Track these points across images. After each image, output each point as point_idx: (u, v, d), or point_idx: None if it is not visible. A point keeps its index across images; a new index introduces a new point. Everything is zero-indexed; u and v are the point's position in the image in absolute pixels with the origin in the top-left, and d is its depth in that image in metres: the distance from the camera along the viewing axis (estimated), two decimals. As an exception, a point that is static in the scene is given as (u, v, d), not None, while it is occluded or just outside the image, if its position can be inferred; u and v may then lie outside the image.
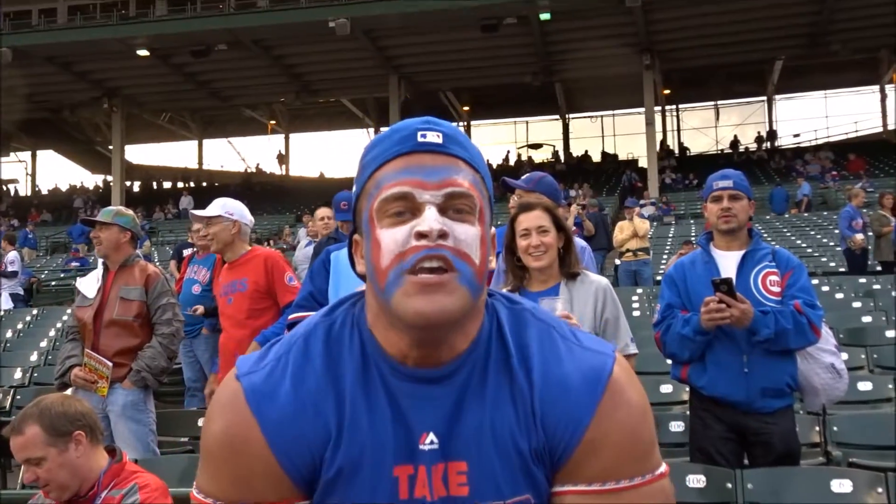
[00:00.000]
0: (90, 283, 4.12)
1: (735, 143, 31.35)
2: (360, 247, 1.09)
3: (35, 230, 23.18)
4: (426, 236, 0.98)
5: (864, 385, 4.80)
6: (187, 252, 6.89)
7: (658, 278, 10.93)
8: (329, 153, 49.23)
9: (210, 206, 4.32)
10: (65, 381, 3.98)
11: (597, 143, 34.30)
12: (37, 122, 29.64)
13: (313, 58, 24.39)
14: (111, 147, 28.23)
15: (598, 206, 13.67)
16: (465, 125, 33.71)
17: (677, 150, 31.85)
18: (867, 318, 6.84)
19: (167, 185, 35.37)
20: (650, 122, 23.71)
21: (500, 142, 35.57)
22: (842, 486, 3.11)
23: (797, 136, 32.85)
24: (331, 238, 5.34)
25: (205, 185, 33.63)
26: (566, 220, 3.26)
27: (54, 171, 52.95)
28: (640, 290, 9.53)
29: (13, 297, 12.60)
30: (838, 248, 12.28)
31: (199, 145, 37.35)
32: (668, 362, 3.56)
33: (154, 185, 35.09)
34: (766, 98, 33.31)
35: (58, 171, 51.18)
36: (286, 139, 36.94)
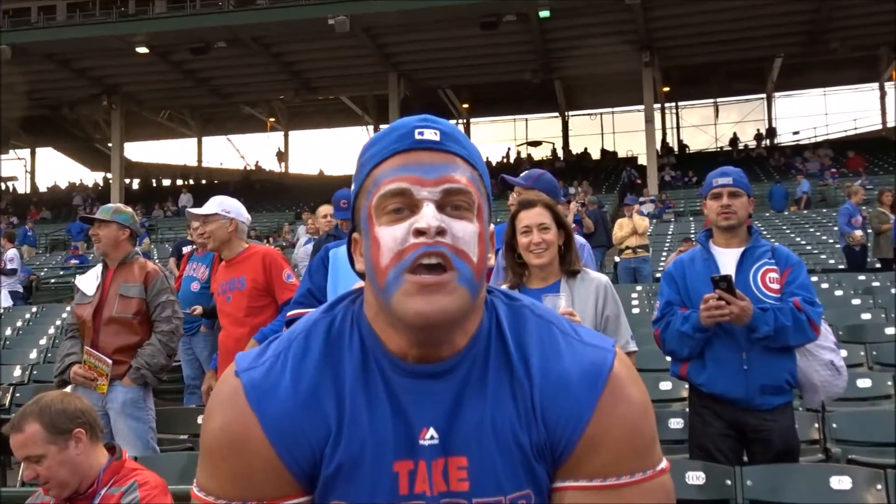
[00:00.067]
0: (89, 281, 4.12)
1: (734, 140, 31.35)
2: (359, 245, 1.09)
3: (34, 228, 23.18)
4: (424, 233, 0.98)
5: (864, 382, 4.81)
6: (186, 249, 6.88)
7: (657, 275, 10.93)
8: (328, 151, 49.24)
9: (206, 204, 4.31)
10: (64, 378, 3.98)
11: (596, 141, 34.30)
12: (36, 120, 29.63)
13: (313, 55, 24.39)
14: (110, 144, 28.25)
15: (597, 203, 13.66)
16: (464, 123, 33.71)
17: (677, 148, 31.86)
18: (866, 316, 6.84)
19: (166, 182, 35.38)
20: (649, 120, 23.72)
21: (499, 139, 35.62)
22: (841, 482, 3.11)
23: (796, 133, 32.87)
24: (330, 235, 5.35)
25: (204, 182, 33.66)
26: (566, 218, 3.26)
27: (53, 168, 52.95)
28: (639, 288, 9.53)
29: (13, 294, 12.59)
30: (837, 246, 12.29)
31: (199, 143, 37.33)
32: (668, 359, 3.57)
33: (153, 182, 35.08)
34: (765, 95, 33.31)
35: (57, 168, 51.16)
36: (285, 137, 36.93)
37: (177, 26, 21.79)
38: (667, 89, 29.45)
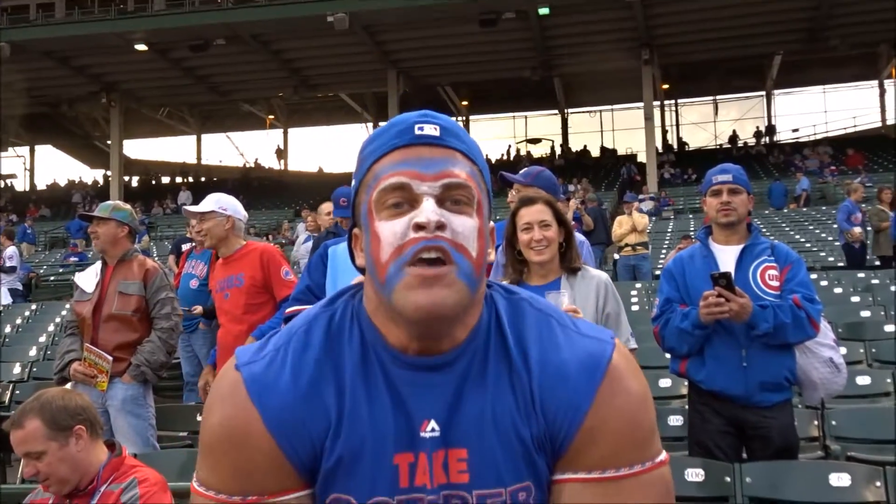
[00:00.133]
0: (88, 278, 4.12)
1: (734, 137, 31.36)
2: (359, 240, 1.09)
3: (33, 225, 23.17)
4: (424, 228, 0.99)
5: (863, 379, 4.81)
6: (186, 247, 6.88)
7: (657, 273, 10.93)
8: (328, 148, 49.34)
9: (203, 202, 4.30)
10: (64, 375, 3.97)
11: (595, 138, 34.30)
12: (35, 117, 29.58)
13: (312, 52, 24.38)
14: (109, 142, 28.22)
15: (597, 200, 13.67)
16: (463, 120, 33.67)
17: (676, 145, 31.86)
18: (866, 313, 6.84)
19: (166, 179, 35.38)
20: (649, 117, 23.71)
21: (498, 136, 35.63)
22: (840, 479, 3.11)
23: (796, 130, 32.88)
24: (330, 233, 5.34)
25: (203, 179, 33.64)
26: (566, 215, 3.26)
27: (53, 166, 52.98)
28: (638, 285, 9.53)
29: (12, 292, 12.59)
30: (837, 243, 12.29)
31: (198, 140, 37.30)
32: (667, 356, 3.56)
33: (153, 180, 35.06)
34: (764, 93, 33.30)
35: (56, 166, 51.22)
36: (285, 134, 36.90)
37: (176, 23, 21.77)
38: (666, 87, 29.46)
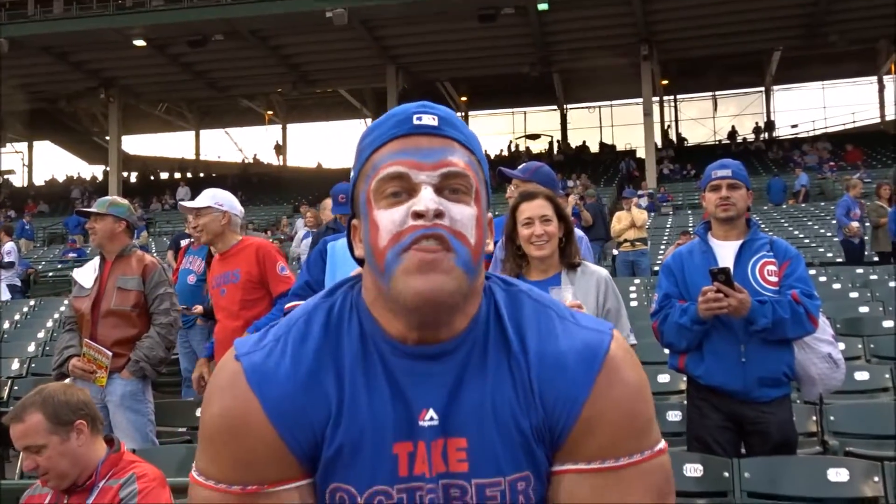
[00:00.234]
0: (87, 274, 4.11)
1: (733, 133, 31.37)
2: (358, 231, 1.10)
3: (32, 221, 23.17)
4: (423, 216, 0.99)
5: (861, 375, 4.82)
6: (184, 243, 6.88)
7: (656, 268, 10.94)
8: (326, 144, 49.36)
9: (199, 198, 4.27)
10: (63, 371, 3.97)
11: (595, 134, 34.31)
12: (33, 113, 29.55)
13: (311, 48, 24.34)
14: (108, 138, 28.17)
15: (596, 196, 13.67)
16: (462, 115, 33.59)
17: (675, 141, 31.85)
18: (864, 309, 6.85)
19: (164, 175, 35.34)
20: (648, 113, 23.70)
21: (497, 132, 35.58)
22: (838, 474, 3.12)
23: (795, 126, 32.89)
24: (329, 229, 5.34)
25: (202, 175, 33.59)
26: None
27: (51, 161, 52.98)
28: (637, 281, 9.55)
29: (10, 288, 12.59)
30: (836, 239, 12.30)
31: (197, 136, 37.28)
32: (666, 352, 3.56)
33: (151, 175, 35.03)
34: (764, 89, 33.31)
35: (55, 161, 51.17)
36: (283, 130, 36.87)
37: (174, 19, 21.71)
38: (665, 82, 29.45)
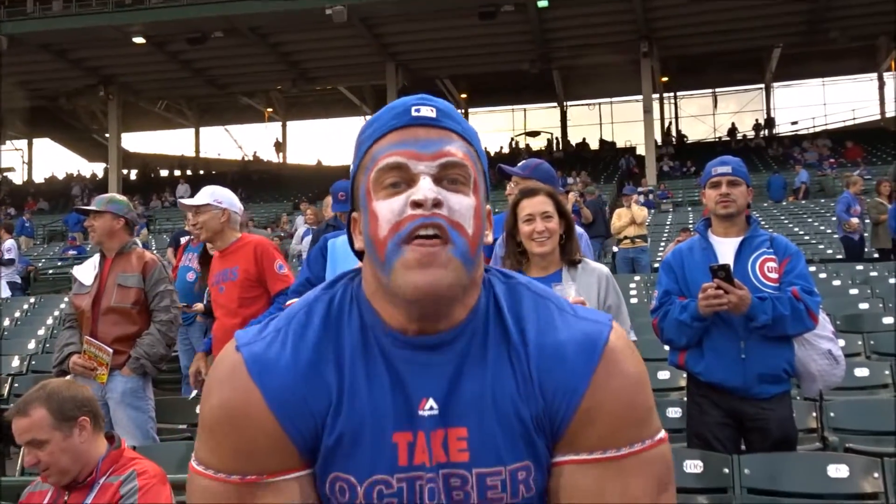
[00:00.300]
0: (87, 271, 4.11)
1: (733, 130, 31.34)
2: (357, 223, 1.10)
3: (32, 218, 23.14)
4: (421, 205, 1.00)
5: (861, 371, 4.82)
6: (184, 240, 6.87)
7: (656, 265, 10.94)
8: (326, 141, 49.23)
9: (198, 195, 4.26)
10: (63, 368, 3.98)
11: (595, 131, 34.27)
12: (33, 110, 29.52)
13: (310, 45, 24.30)
14: (108, 135, 28.15)
15: (595, 193, 13.66)
16: (462, 113, 33.41)
17: (675, 138, 31.83)
18: (864, 305, 6.86)
19: (164, 173, 35.30)
20: (648, 110, 23.68)
21: (497, 129, 35.55)
22: (838, 471, 3.12)
23: (795, 123, 32.86)
24: (330, 226, 5.34)
25: (202, 173, 33.57)
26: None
27: (51, 159, 52.91)
28: (637, 278, 9.54)
29: (10, 285, 12.59)
30: (836, 236, 12.29)
31: (196, 133, 37.24)
32: (666, 348, 3.57)
33: (151, 173, 35.01)
34: (764, 86, 33.27)
35: (54, 159, 51.11)
36: (283, 127, 36.84)
37: (173, 16, 21.68)
38: (665, 79, 29.38)
